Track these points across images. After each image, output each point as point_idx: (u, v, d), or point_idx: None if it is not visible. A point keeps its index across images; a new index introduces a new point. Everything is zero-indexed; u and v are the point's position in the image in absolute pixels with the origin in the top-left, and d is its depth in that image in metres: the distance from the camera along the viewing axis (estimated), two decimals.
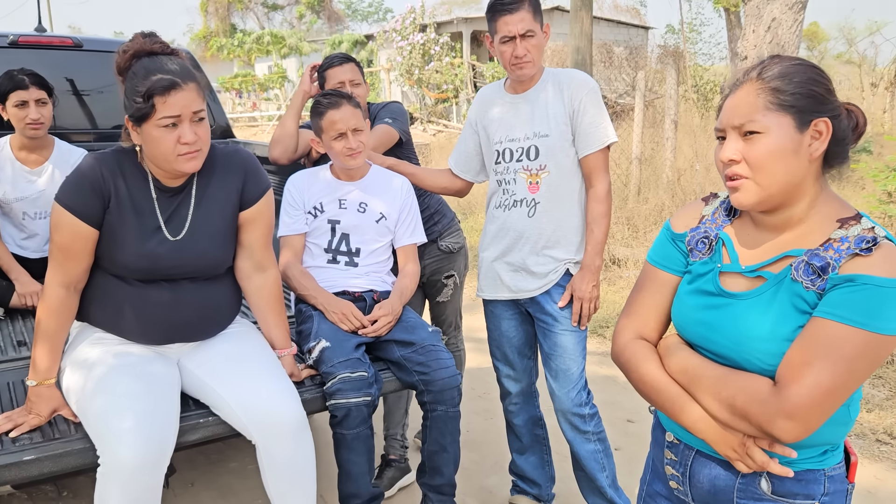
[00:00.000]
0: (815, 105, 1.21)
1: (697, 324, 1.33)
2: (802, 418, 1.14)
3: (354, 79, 2.71)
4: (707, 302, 1.33)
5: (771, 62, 1.26)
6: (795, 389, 1.14)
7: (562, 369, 2.43)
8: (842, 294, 1.15)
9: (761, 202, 1.25)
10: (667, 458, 1.44)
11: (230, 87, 28.82)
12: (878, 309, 1.13)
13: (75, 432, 1.85)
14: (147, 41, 1.85)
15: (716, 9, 15.41)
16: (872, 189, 5.40)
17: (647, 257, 1.49)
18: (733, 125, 1.25)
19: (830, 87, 1.24)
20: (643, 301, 1.45)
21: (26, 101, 2.85)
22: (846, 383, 1.15)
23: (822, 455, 1.28)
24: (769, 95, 1.22)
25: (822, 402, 1.14)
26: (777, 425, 1.15)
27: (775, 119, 1.21)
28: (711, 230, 1.39)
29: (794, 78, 1.22)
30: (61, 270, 1.90)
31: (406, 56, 19.00)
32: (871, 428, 3.38)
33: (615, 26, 21.21)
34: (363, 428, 2.18)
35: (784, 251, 1.26)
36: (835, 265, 1.18)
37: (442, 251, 2.95)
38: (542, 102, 2.37)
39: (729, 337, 1.27)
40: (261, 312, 2.20)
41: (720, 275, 1.33)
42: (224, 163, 2.05)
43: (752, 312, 1.25)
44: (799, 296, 1.21)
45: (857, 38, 16.39)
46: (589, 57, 9.47)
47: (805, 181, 1.24)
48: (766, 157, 1.21)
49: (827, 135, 1.22)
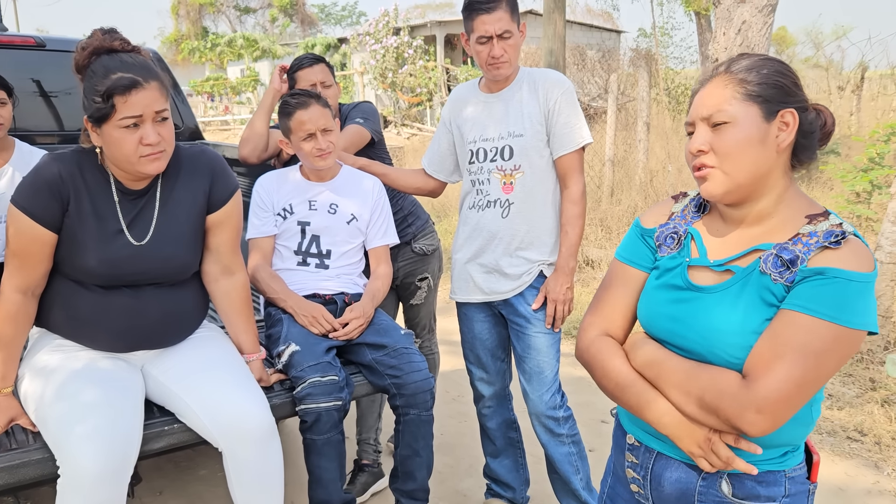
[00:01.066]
0: (781, 96, 1.23)
1: (665, 318, 1.33)
2: (772, 412, 1.14)
3: (325, 80, 2.68)
4: (675, 296, 1.32)
5: (739, 57, 1.28)
6: (765, 383, 1.14)
7: (535, 372, 2.41)
8: (811, 287, 1.16)
9: (729, 192, 1.26)
10: (628, 461, 1.42)
11: (202, 91, 28.55)
12: (847, 302, 1.13)
13: (34, 442, 1.79)
14: (107, 38, 1.78)
15: (687, 13, 15.60)
16: (841, 190, 5.48)
17: (616, 254, 1.48)
18: (702, 116, 1.26)
19: (797, 81, 1.25)
20: (610, 298, 1.44)
21: None
22: (816, 377, 1.14)
23: (782, 456, 1.28)
24: (737, 86, 1.23)
25: (792, 396, 1.14)
26: (746, 419, 1.15)
27: (742, 108, 1.22)
28: (681, 226, 1.39)
29: (762, 70, 1.24)
30: (18, 275, 1.83)
31: (380, 59, 18.96)
32: (842, 425, 3.41)
33: (588, 30, 21.38)
34: (334, 433, 2.14)
35: (753, 245, 1.27)
36: (804, 258, 1.19)
37: (416, 253, 2.92)
38: (516, 102, 2.35)
39: (696, 331, 1.27)
40: (228, 317, 2.15)
41: (689, 269, 1.33)
42: (190, 164, 1.99)
43: (720, 306, 1.25)
44: (767, 288, 1.21)
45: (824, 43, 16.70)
46: (562, 59, 9.51)
47: (773, 173, 1.25)
48: (733, 146, 1.22)
49: (794, 125, 1.23)
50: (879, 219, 4.66)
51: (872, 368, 3.88)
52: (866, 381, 3.79)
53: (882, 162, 4.95)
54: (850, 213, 5.05)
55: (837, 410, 3.55)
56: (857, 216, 5.00)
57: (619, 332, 1.43)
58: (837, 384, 3.81)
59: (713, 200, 1.30)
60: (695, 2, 14.24)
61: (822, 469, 3.06)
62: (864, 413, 3.49)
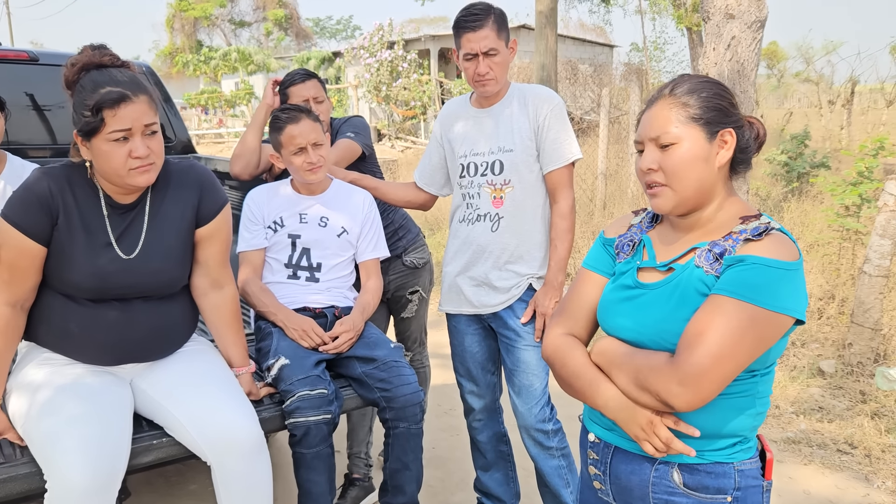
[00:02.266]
0: (720, 117, 1.35)
1: (615, 314, 1.44)
2: (694, 385, 1.23)
3: (317, 96, 2.69)
4: (624, 295, 1.44)
5: (681, 80, 1.41)
6: (686, 357, 1.24)
7: (525, 385, 2.41)
8: (733, 273, 1.27)
9: (677, 206, 1.38)
10: (590, 458, 1.50)
11: (196, 104, 28.59)
12: (763, 286, 1.24)
13: (21, 456, 1.79)
14: (96, 53, 1.80)
15: (679, 28, 15.74)
16: (830, 203, 5.51)
17: (583, 263, 1.60)
18: (650, 137, 1.37)
19: (734, 101, 1.38)
20: (573, 301, 1.56)
21: None
22: (734, 353, 1.23)
23: (731, 447, 1.35)
24: (680, 110, 1.35)
25: (711, 369, 1.22)
26: (671, 391, 1.24)
27: (686, 130, 1.34)
28: (637, 235, 1.52)
29: (702, 94, 1.36)
30: (7, 289, 1.84)
31: (374, 73, 19.03)
32: (832, 438, 3.42)
33: (580, 44, 21.53)
34: (323, 447, 2.14)
35: (692, 244, 1.39)
36: (731, 250, 1.31)
37: (407, 266, 2.93)
38: (506, 117, 2.37)
39: (639, 322, 1.38)
40: (218, 330, 2.15)
41: (638, 271, 1.45)
42: (179, 178, 2.00)
43: (660, 298, 1.37)
44: (700, 280, 1.33)
45: (814, 58, 16.84)
46: (554, 74, 9.58)
47: (715, 186, 1.38)
48: (680, 165, 1.34)
49: (732, 143, 1.36)
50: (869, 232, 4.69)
51: (862, 381, 3.90)
52: (856, 393, 3.81)
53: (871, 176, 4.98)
54: (840, 227, 5.08)
55: (828, 423, 3.56)
56: (847, 229, 5.03)
57: (582, 331, 1.53)
58: (828, 396, 3.83)
59: (663, 213, 1.42)
60: (686, 18, 14.38)
61: (813, 482, 3.07)
62: (854, 426, 3.50)
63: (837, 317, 4.61)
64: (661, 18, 16.91)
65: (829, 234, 5.37)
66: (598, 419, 1.47)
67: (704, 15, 5.97)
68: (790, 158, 7.62)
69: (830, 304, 4.74)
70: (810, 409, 3.71)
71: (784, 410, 3.74)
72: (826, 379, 4.01)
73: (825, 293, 4.86)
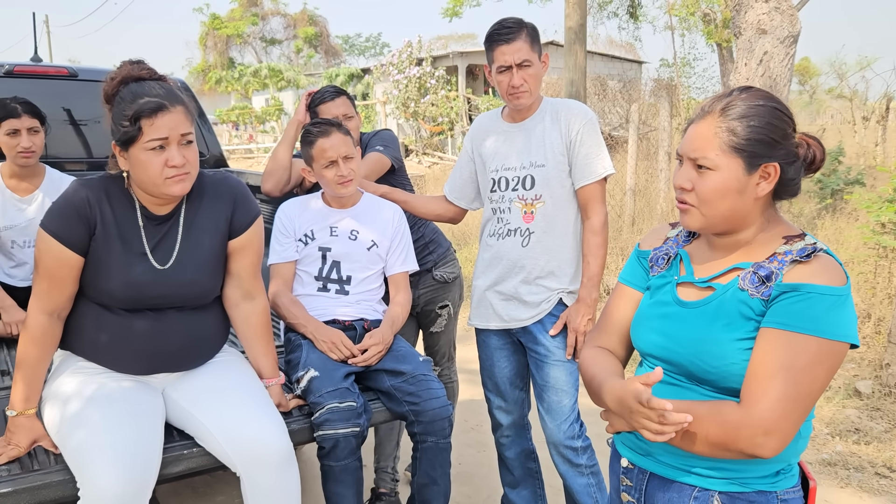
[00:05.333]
0: (767, 150, 1.28)
1: (652, 331, 1.41)
2: (779, 431, 1.19)
3: (347, 112, 2.70)
4: (663, 311, 1.41)
5: (737, 97, 1.32)
6: (765, 404, 1.19)
7: (554, 401, 2.39)
8: (788, 304, 1.22)
9: (704, 228, 1.36)
10: (623, 484, 1.46)
11: (227, 120, 29.01)
12: (824, 316, 1.20)
13: (55, 464, 1.81)
14: (135, 67, 1.84)
15: (708, 44, 15.63)
16: (866, 220, 5.41)
17: (619, 277, 1.58)
18: (689, 156, 1.34)
19: (789, 131, 1.30)
20: (608, 315, 1.55)
21: (18, 129, 2.85)
22: (809, 391, 1.20)
23: (774, 476, 1.30)
24: (725, 135, 1.29)
25: (792, 412, 1.19)
26: (758, 444, 1.19)
27: (726, 160, 1.29)
28: (672, 249, 1.49)
29: (752, 121, 1.28)
30: (45, 298, 1.87)
31: (402, 89, 19.16)
32: (870, 461, 3.33)
33: (609, 60, 21.48)
34: (351, 460, 2.13)
35: (733, 264, 1.35)
36: (778, 273, 1.26)
37: (436, 281, 2.93)
38: (538, 132, 2.37)
39: (675, 341, 1.35)
40: (248, 341, 2.16)
41: (677, 286, 1.42)
42: (213, 190, 2.03)
43: (702, 319, 1.33)
44: (745, 303, 1.28)
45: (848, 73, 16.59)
46: (583, 89, 9.57)
47: (750, 214, 1.33)
48: (711, 193, 1.30)
49: (774, 177, 1.29)
50: None
51: None
52: (895, 415, 3.71)
53: None
54: (876, 245, 4.98)
55: (865, 445, 3.47)
56: (883, 247, 4.93)
57: (617, 347, 1.52)
58: (865, 418, 3.74)
59: (691, 230, 1.41)
60: (716, 33, 14.28)
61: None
62: (892, 449, 3.40)
63: (874, 336, 4.51)
64: (690, 34, 16.81)
65: (864, 252, 5.26)
66: (632, 443, 1.43)
67: (736, 30, 5.92)
68: (824, 175, 7.51)
69: (866, 324, 4.64)
70: (846, 430, 3.62)
71: (819, 432, 3.65)
72: (863, 400, 3.91)
73: (861, 312, 4.76)
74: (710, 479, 1.30)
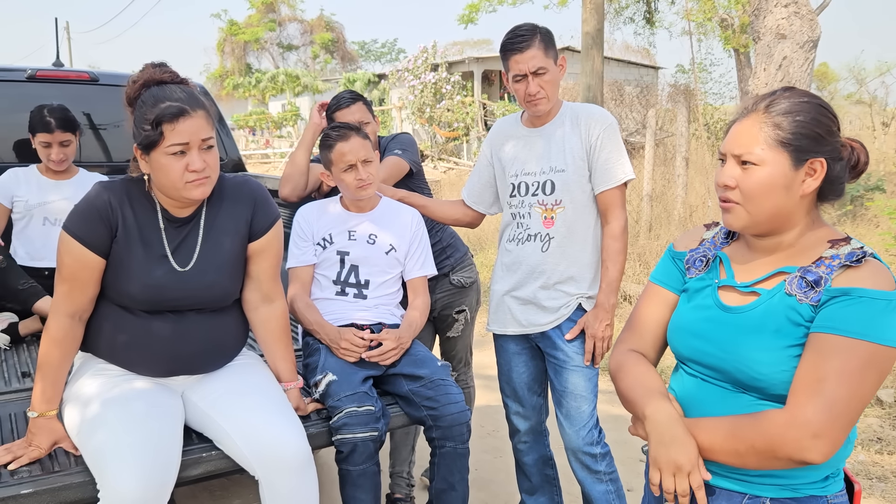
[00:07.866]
0: (813, 145, 1.26)
1: (693, 336, 1.38)
2: (829, 434, 1.16)
3: (364, 118, 2.68)
4: (705, 315, 1.38)
5: (781, 95, 1.30)
6: (814, 407, 1.17)
7: (573, 407, 2.37)
8: (839, 308, 1.20)
9: (748, 227, 1.33)
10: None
11: (244, 125, 29.21)
12: (875, 320, 1.17)
13: (75, 465, 1.81)
14: (157, 71, 1.85)
15: (726, 49, 15.54)
16: (887, 226, 5.35)
17: (650, 277, 1.55)
18: (733, 153, 1.31)
19: (834, 128, 1.28)
20: (640, 316, 1.52)
21: (50, 143, 3.02)
22: (860, 395, 1.17)
23: (824, 481, 1.28)
24: (770, 130, 1.27)
25: (842, 416, 1.16)
26: (806, 447, 1.16)
27: (772, 155, 1.27)
28: (710, 251, 1.46)
29: (798, 116, 1.26)
30: (67, 300, 1.88)
31: (418, 95, 19.22)
32: (893, 470, 3.28)
33: (626, 66, 21.41)
34: (370, 464, 2.13)
35: (777, 268, 1.32)
36: (827, 278, 1.24)
37: (454, 285, 2.92)
38: (558, 137, 2.35)
39: (725, 349, 1.31)
40: (267, 345, 2.16)
41: (718, 290, 1.38)
42: (233, 193, 2.04)
43: (748, 325, 1.30)
44: (793, 309, 1.26)
45: (867, 79, 16.44)
46: (600, 95, 9.55)
47: (795, 213, 1.30)
48: (757, 189, 1.28)
49: (821, 173, 1.27)
50: None
51: None
52: None
53: None
54: None
55: (887, 455, 3.42)
56: None
57: (649, 349, 1.49)
58: (887, 427, 3.68)
59: (734, 230, 1.37)
60: (734, 39, 14.20)
61: None
62: None
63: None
64: (707, 40, 16.73)
65: (886, 258, 5.20)
66: None
67: (755, 35, 5.88)
68: None
69: None
70: (868, 439, 3.57)
71: None
72: (884, 409, 3.86)
73: None
74: (761, 486, 1.28)
